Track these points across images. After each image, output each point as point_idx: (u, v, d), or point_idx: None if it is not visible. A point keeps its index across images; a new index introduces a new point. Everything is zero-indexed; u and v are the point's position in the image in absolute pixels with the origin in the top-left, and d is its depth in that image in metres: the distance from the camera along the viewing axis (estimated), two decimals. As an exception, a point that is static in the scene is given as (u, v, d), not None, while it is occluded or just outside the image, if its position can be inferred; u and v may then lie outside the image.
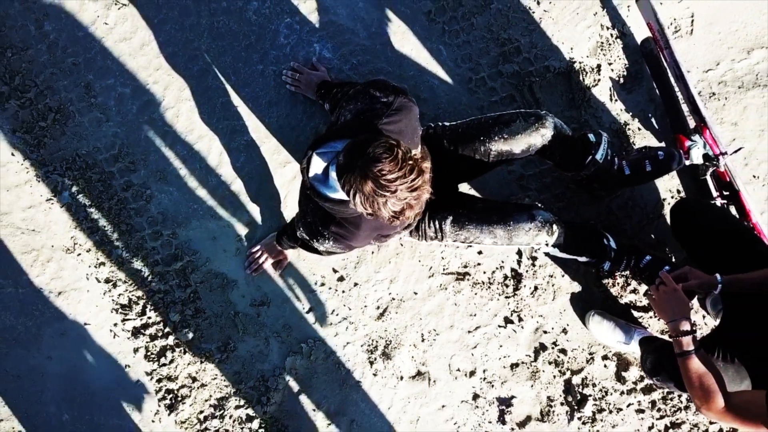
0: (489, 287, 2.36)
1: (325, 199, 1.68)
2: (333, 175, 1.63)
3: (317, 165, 1.67)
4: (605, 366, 2.38)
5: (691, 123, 2.32)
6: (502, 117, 2.03)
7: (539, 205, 2.26)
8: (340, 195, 1.64)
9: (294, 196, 2.30)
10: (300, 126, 2.35)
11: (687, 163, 2.28)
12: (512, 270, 2.37)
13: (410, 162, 1.46)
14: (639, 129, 2.41)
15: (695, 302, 2.34)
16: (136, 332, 2.35)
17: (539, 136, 2.00)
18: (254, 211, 2.36)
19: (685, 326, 1.74)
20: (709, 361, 1.73)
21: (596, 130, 2.14)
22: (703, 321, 2.36)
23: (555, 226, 2.07)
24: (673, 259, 2.32)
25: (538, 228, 2.05)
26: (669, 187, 2.41)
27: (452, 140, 2.06)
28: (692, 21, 2.43)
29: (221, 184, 2.35)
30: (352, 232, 1.76)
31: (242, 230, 2.36)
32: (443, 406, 2.36)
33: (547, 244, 2.09)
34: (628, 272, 2.29)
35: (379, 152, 1.44)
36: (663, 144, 2.38)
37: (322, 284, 2.35)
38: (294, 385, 2.35)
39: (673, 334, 1.75)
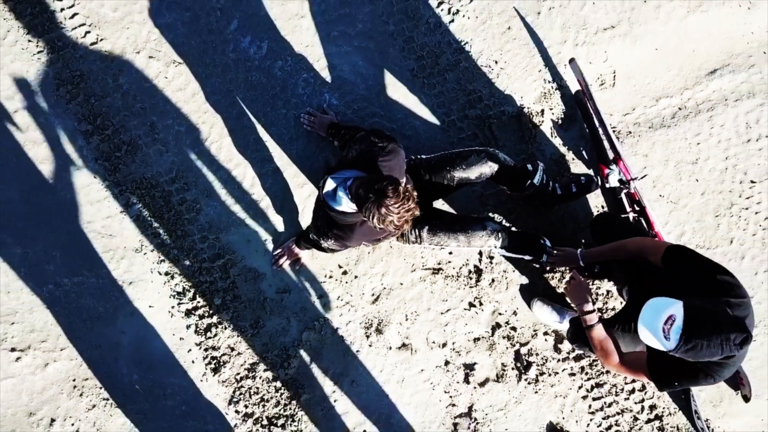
0: (457, 279, 3.10)
1: (331, 210, 2.41)
2: (340, 194, 2.36)
3: (329, 185, 2.40)
4: (545, 340, 3.11)
5: (611, 155, 3.05)
6: (462, 153, 2.77)
7: (492, 217, 3.00)
8: (343, 208, 2.37)
9: (309, 211, 3.02)
10: (313, 156, 3.08)
11: (607, 186, 3.02)
12: (475, 266, 3.10)
13: (405, 192, 2.17)
14: (573, 159, 3.14)
15: (614, 291, 3.09)
16: (188, 313, 3.08)
17: (488, 167, 2.74)
18: (278, 220, 3.09)
19: (588, 307, 2.48)
20: (607, 330, 2.47)
21: (534, 162, 2.87)
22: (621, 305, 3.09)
23: (501, 233, 2.81)
24: (596, 259, 3.04)
25: (488, 234, 2.79)
26: (595, 204, 3.14)
27: (426, 169, 2.80)
28: (614, 76, 3.16)
29: (254, 200, 3.08)
30: (347, 234, 2.48)
31: (269, 235, 3.09)
32: (422, 370, 3.09)
33: (496, 247, 2.83)
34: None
35: (388, 189, 2.14)
36: (589, 171, 3.12)
37: (330, 276, 3.08)
38: (308, 354, 3.07)
39: (580, 313, 2.49)
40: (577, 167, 3.14)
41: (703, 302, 2.03)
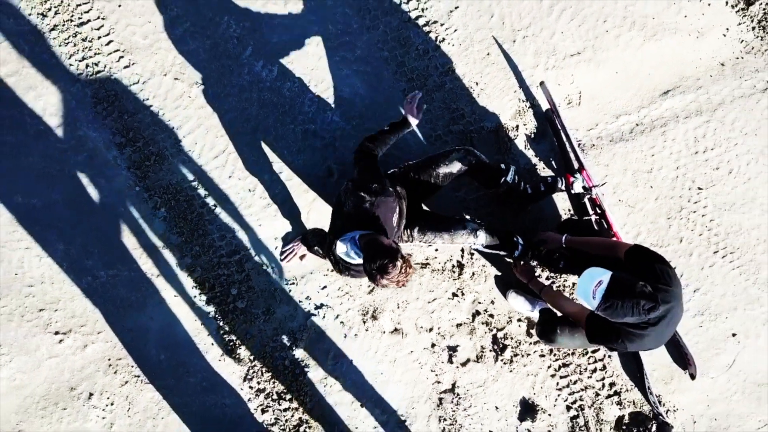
0: (442, 272, 3.56)
1: (350, 265, 2.84)
2: (352, 253, 2.77)
3: (341, 247, 2.81)
4: (519, 326, 3.57)
5: (576, 165, 3.51)
6: (444, 152, 3.25)
7: (472, 219, 3.46)
8: (356, 261, 2.80)
9: (312, 214, 3.49)
10: (318, 166, 3.54)
11: (573, 192, 3.48)
12: (458, 261, 3.56)
13: (402, 264, 2.59)
14: (543, 168, 3.61)
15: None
16: (207, 301, 3.53)
17: (467, 162, 3.20)
18: (285, 222, 3.54)
19: (534, 275, 3.03)
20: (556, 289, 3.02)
21: (507, 163, 3.34)
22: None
23: (479, 231, 3.27)
24: (563, 255, 3.51)
25: (468, 233, 3.24)
26: (563, 207, 3.60)
27: (415, 171, 3.26)
28: (580, 96, 3.62)
29: (265, 203, 3.53)
30: (360, 275, 2.88)
31: (278, 234, 3.54)
32: (411, 351, 3.56)
33: (474, 243, 3.28)
34: (533, 261, 3.49)
35: (389, 266, 2.56)
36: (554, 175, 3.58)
37: (332, 270, 3.54)
38: (312, 337, 3.53)
39: (533, 284, 3.04)
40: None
41: (630, 276, 2.53)
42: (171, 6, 3.54)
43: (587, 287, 2.53)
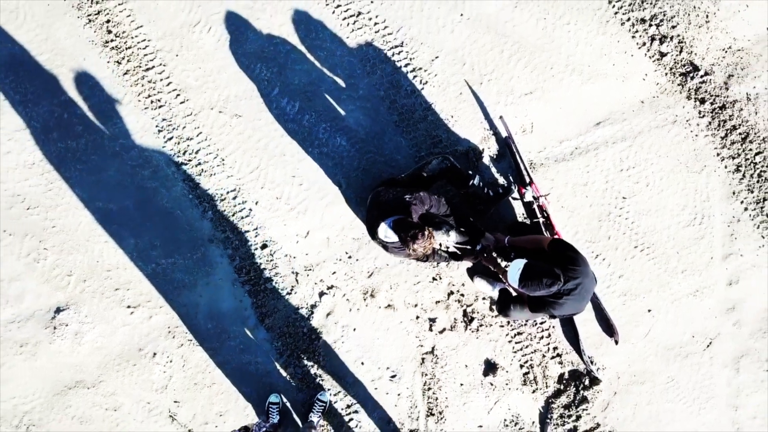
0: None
1: (384, 242, 3.91)
2: (388, 231, 3.84)
3: (383, 228, 3.88)
4: (484, 303, 4.63)
5: (527, 179, 4.56)
6: (427, 160, 4.33)
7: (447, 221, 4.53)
8: (390, 239, 3.86)
9: (327, 217, 4.55)
10: (333, 179, 4.59)
11: (524, 200, 4.54)
12: (437, 253, 4.63)
13: (428, 233, 3.68)
14: (503, 181, 4.67)
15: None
16: (244, 283, 4.59)
17: (443, 165, 4.28)
18: (306, 221, 4.60)
19: (497, 262, 4.05)
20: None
21: (474, 171, 4.40)
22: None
23: (451, 231, 4.33)
24: (517, 249, 4.57)
25: (443, 232, 4.29)
26: (519, 212, 4.66)
27: (405, 178, 4.32)
28: (532, 126, 4.68)
29: (289, 208, 4.59)
30: (396, 252, 3.95)
31: (301, 231, 4.60)
32: (401, 322, 4.62)
33: (448, 240, 4.34)
34: (494, 253, 4.55)
35: (418, 234, 3.65)
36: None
37: (340, 259, 4.60)
38: (325, 310, 4.59)
39: (497, 269, 4.06)
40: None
41: (539, 263, 3.56)
42: (216, 57, 4.60)
43: (513, 274, 3.56)
